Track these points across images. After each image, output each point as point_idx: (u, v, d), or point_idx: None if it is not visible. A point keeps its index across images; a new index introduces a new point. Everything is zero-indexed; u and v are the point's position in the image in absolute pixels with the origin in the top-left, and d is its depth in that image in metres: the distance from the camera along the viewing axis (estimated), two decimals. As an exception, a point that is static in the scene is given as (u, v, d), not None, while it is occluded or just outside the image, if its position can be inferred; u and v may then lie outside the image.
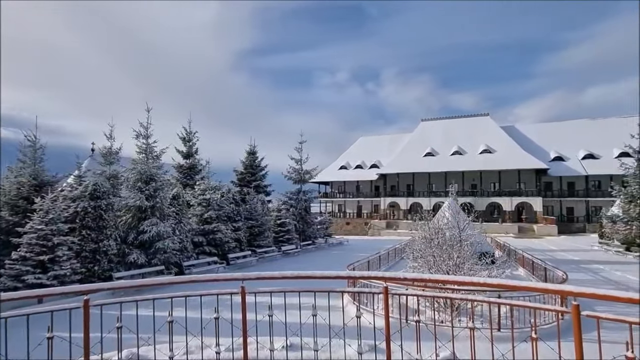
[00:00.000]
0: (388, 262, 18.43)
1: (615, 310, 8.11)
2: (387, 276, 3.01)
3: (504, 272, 11.44)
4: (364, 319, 3.27)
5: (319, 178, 49.79)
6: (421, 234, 11.91)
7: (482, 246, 16.46)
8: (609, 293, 2.79)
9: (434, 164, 44.62)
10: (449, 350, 3.51)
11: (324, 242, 29.14)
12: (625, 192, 22.39)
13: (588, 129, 44.06)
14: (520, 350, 3.05)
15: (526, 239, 33.87)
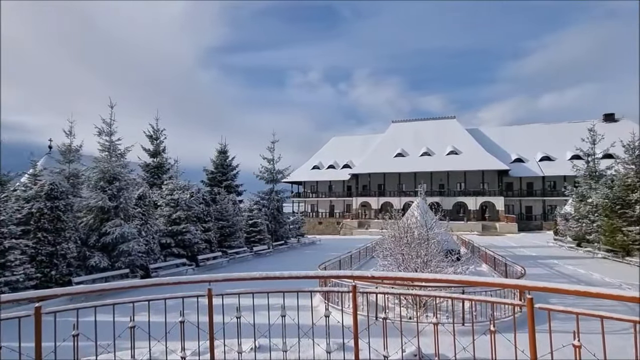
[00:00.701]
0: (359, 261, 18.69)
1: (565, 302, 8.70)
2: (356, 275, 3.06)
3: (468, 268, 11.94)
4: (334, 318, 3.31)
5: (292, 178, 49.63)
6: (391, 232, 12.18)
7: (449, 244, 17.11)
8: (559, 286, 3.00)
9: (404, 164, 45.79)
10: (415, 345, 3.62)
11: (296, 241, 29.09)
12: (576, 192, 24.10)
13: (544, 133, 47.08)
14: (481, 343, 3.20)
15: (489, 236, 35.55)
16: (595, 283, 13.40)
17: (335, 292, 2.64)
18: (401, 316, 4.17)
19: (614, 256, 18.60)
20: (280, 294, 2.98)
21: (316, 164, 54.82)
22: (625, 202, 18.49)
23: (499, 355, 3.48)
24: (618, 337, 5.80)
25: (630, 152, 19.37)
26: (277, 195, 28.07)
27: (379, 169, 46.35)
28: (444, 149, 45.89)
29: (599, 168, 24.23)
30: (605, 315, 2.85)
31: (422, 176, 43.76)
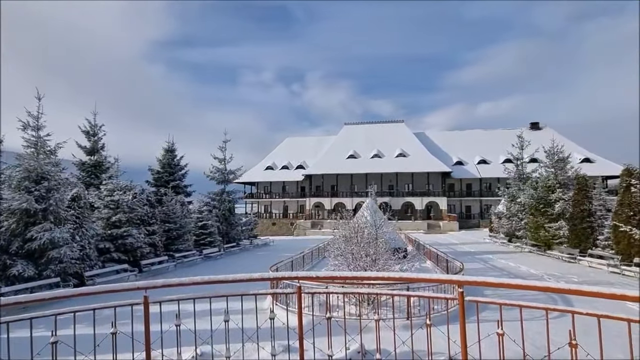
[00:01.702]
0: (312, 261, 18.84)
1: (499, 293, 9.52)
2: (300, 276, 3.09)
3: (413, 265, 12.60)
4: (283, 320, 3.31)
5: (245, 178, 48.59)
6: (342, 232, 12.45)
7: (396, 242, 17.93)
8: (486, 280, 3.30)
9: (356, 166, 47.02)
10: (360, 342, 3.75)
11: (249, 243, 28.55)
12: (507, 192, 26.56)
13: (481, 138, 51.29)
14: (422, 336, 3.39)
15: (433, 234, 37.80)
16: (522, 275, 14.85)
17: (279, 293, 2.63)
18: (345, 315, 4.28)
19: (538, 250, 20.79)
20: (232, 299, 2.91)
21: (270, 164, 54.25)
22: (546, 202, 20.77)
23: (435, 346, 3.72)
24: (538, 323, 6.50)
25: (550, 157, 21.85)
26: (228, 196, 27.32)
27: (332, 170, 47.09)
28: (393, 151, 47.91)
29: (526, 171, 26.93)
30: (524, 305, 3.18)
31: (373, 177, 45.35)
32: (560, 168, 21.29)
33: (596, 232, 16.96)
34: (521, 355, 3.10)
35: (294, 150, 56.04)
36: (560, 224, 19.18)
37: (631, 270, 13.35)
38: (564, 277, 14.18)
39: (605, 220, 16.67)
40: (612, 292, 2.64)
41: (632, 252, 13.49)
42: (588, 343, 3.01)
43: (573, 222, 17.92)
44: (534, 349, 3.09)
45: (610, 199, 17.74)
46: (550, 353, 3.05)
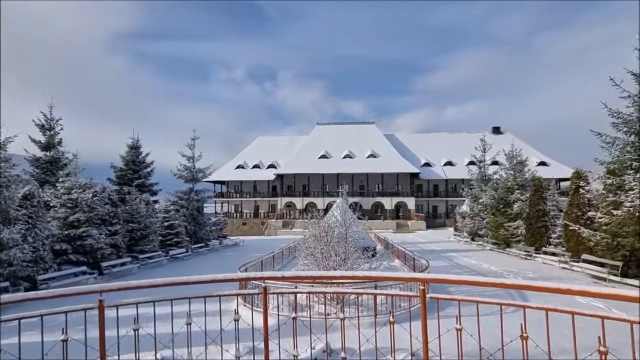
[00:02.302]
0: (282, 261, 18.75)
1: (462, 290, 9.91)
2: (266, 276, 3.08)
3: (381, 264, 12.91)
4: (251, 321, 3.27)
5: (214, 177, 47.49)
6: (312, 232, 12.49)
7: (366, 241, 18.21)
8: (447, 277, 3.44)
9: (328, 166, 47.33)
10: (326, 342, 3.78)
11: (218, 243, 27.95)
12: (471, 193, 27.79)
13: (448, 141, 53.39)
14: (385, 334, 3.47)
15: (402, 233, 38.81)
16: (483, 272, 15.59)
17: (244, 294, 2.59)
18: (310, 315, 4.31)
19: (498, 248, 21.92)
20: (198, 301, 2.83)
21: (241, 163, 53.37)
22: (506, 202, 21.95)
23: (398, 343, 3.83)
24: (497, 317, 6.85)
25: (510, 160, 23.13)
26: (197, 195, 26.60)
27: (304, 169, 47.09)
28: (364, 152, 48.68)
29: (488, 173, 28.28)
30: (480, 300, 3.35)
31: (344, 177, 45.82)
32: (518, 170, 22.58)
33: (550, 230, 18.13)
34: (478, 349, 3.27)
35: (265, 149, 55.48)
36: (518, 223, 20.32)
37: (579, 266, 14.38)
38: (521, 273, 15.04)
39: (557, 220, 17.86)
40: (559, 286, 2.84)
41: (580, 249, 14.54)
42: (540, 334, 3.19)
43: (529, 221, 19.06)
44: (491, 342, 3.25)
45: (562, 200, 19.02)
46: (504, 345, 3.23)
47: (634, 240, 11.95)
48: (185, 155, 26.95)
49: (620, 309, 7.90)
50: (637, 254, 12.48)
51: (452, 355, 3.46)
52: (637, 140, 12.64)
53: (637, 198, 11.63)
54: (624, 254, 12.57)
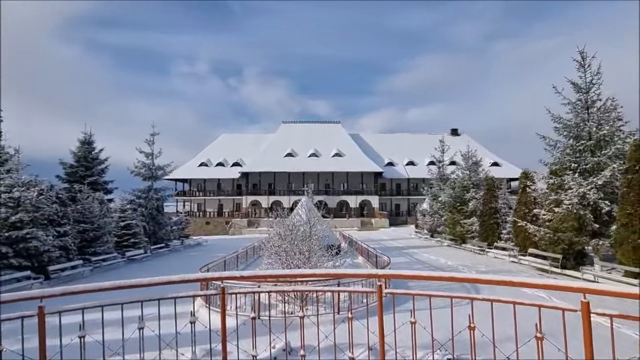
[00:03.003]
0: (247, 260, 18.48)
1: (422, 285, 10.32)
2: (225, 276, 3.04)
3: (345, 261, 13.11)
4: (214, 322, 3.21)
5: (176, 175, 45.72)
6: (276, 230, 12.44)
7: (330, 239, 18.42)
8: (401, 272, 3.59)
9: (294, 164, 47.23)
10: (285, 340, 3.80)
11: (179, 244, 26.98)
12: (431, 192, 29.03)
13: (410, 141, 55.35)
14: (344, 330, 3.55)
15: (366, 231, 39.67)
16: (441, 266, 16.36)
17: (200, 295, 2.51)
18: (270, 314, 4.31)
19: (455, 244, 23.09)
20: (142, 304, 2.72)
21: (204, 160, 51.76)
22: (462, 200, 23.17)
23: (357, 338, 3.94)
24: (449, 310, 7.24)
25: (466, 160, 24.44)
26: (156, 194, 25.46)
27: (269, 168, 46.63)
28: (329, 151, 49.12)
29: (446, 172, 29.68)
30: (433, 294, 3.53)
31: (310, 176, 45.99)
32: (473, 170, 23.93)
33: (500, 227, 19.39)
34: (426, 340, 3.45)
35: (230, 146, 54.25)
36: (472, 220, 21.53)
37: (526, 259, 15.54)
38: (474, 267, 15.95)
39: (507, 217, 19.14)
40: (503, 279, 3.08)
41: (527, 243, 15.71)
42: (490, 324, 3.40)
43: (483, 218, 20.26)
44: (444, 333, 3.42)
45: (512, 198, 20.41)
46: (454, 336, 3.43)
47: (571, 235, 13.12)
48: (143, 152, 25.69)
49: (559, 298, 8.63)
50: (574, 248, 13.72)
51: (408, 347, 3.61)
52: (575, 143, 13.88)
53: (574, 197, 12.77)
54: (563, 248, 13.75)
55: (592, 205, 12.83)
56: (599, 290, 2.63)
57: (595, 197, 12.71)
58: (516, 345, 3.11)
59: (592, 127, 13.35)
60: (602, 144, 13.38)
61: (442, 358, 3.88)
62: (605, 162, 12.96)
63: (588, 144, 13.50)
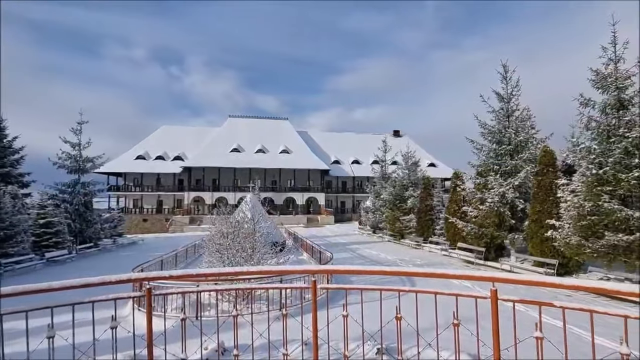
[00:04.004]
0: (186, 259, 17.73)
1: (363, 279, 10.70)
2: (151, 276, 2.90)
3: (289, 258, 13.16)
4: (139, 326, 3.03)
5: (108, 168, 41.98)
6: (218, 228, 12.08)
7: (275, 236, 18.38)
8: (336, 268, 3.73)
9: (240, 160, 46.03)
10: (217, 341, 3.74)
11: (111, 243, 24.92)
12: (374, 190, 30.30)
13: (355, 140, 57.14)
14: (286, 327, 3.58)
15: (312, 227, 40.15)
16: (380, 261, 17.17)
17: (123, 298, 2.34)
18: (200, 314, 4.22)
19: (395, 239, 24.39)
20: (52, 311, 2.47)
21: (141, 153, 48.11)
22: (402, 198, 24.53)
23: (292, 334, 4.00)
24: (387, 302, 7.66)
25: (406, 160, 25.90)
26: (84, 188, 23.19)
27: (214, 163, 44.88)
28: (277, 147, 48.73)
29: (388, 171, 31.16)
30: (363, 288, 3.73)
31: (257, 172, 45.21)
32: (412, 170, 25.44)
33: (435, 223, 20.90)
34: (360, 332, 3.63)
35: (171, 139, 51.14)
36: (410, 217, 22.91)
37: (456, 252, 16.98)
38: (411, 261, 17.03)
39: (440, 214, 20.68)
40: (424, 271, 3.34)
41: (457, 238, 17.16)
42: (418, 314, 3.65)
43: (419, 215, 21.67)
44: (376, 325, 3.61)
45: (445, 197, 22.09)
46: (382, 327, 3.64)
47: (492, 230, 14.61)
48: (68, 142, 23.20)
49: (483, 288, 9.57)
50: (495, 241, 15.31)
51: (341, 340, 3.76)
52: (497, 147, 15.45)
53: (496, 195, 14.23)
54: (486, 241, 15.27)
55: (510, 203, 14.40)
56: (504, 279, 2.99)
57: (512, 196, 14.28)
58: (436, 332, 3.41)
59: (512, 133, 14.97)
60: (519, 148, 15.07)
61: (372, 348, 4.10)
62: (521, 165, 14.62)
63: (508, 148, 15.10)
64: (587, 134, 11.18)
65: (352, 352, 3.83)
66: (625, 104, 10.44)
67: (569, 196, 10.91)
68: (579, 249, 10.64)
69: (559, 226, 11.35)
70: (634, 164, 9.84)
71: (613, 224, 9.94)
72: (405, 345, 4.22)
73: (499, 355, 2.83)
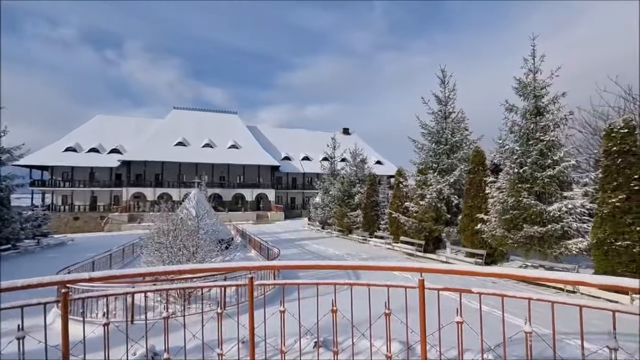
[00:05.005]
0: (123, 260, 16.59)
1: (311, 274, 10.82)
2: (67, 279, 2.67)
3: (235, 255, 12.88)
4: (75, 334, 2.77)
5: (31, 160, 37.56)
6: (158, 226, 11.46)
7: (222, 233, 17.86)
8: (273, 264, 3.74)
9: (185, 154, 43.84)
10: (146, 346, 3.57)
11: (35, 243, 22.40)
12: (323, 186, 30.74)
13: (306, 137, 57.41)
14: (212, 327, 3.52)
15: (262, 224, 39.65)
16: (328, 256, 17.51)
17: (33, 305, 2.09)
18: (132, 317, 4.00)
19: (343, 234, 25.01)
20: None
21: (72, 145, 43.61)
22: (349, 194, 25.22)
23: (229, 333, 3.95)
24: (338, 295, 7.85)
25: (354, 158, 26.64)
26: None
27: (156, 157, 42.19)
28: (225, 142, 47.21)
29: (337, 168, 31.82)
30: (300, 282, 3.78)
31: (204, 167, 43.47)
32: (360, 167, 26.24)
33: (380, 218, 21.81)
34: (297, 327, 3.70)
35: (107, 130, 47.08)
36: (358, 212, 23.65)
37: (398, 246, 17.89)
38: (358, 255, 17.60)
39: (385, 209, 21.64)
40: (359, 264, 3.49)
41: (399, 232, 18.08)
42: (356, 305, 3.77)
43: (366, 210, 22.46)
44: (314, 319, 3.68)
45: (390, 193, 23.13)
46: (319, 321, 3.74)
47: (431, 224, 15.64)
48: (-22, 130, 20.30)
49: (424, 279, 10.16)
50: (433, 234, 16.40)
51: (279, 336, 3.79)
52: (436, 147, 16.53)
53: (434, 192, 15.24)
54: (425, 235, 16.30)
55: (446, 199, 15.52)
56: (431, 269, 3.24)
57: (448, 192, 15.40)
58: (369, 322, 3.58)
59: (448, 134, 16.12)
60: (454, 148, 16.28)
61: (309, 342, 4.20)
62: (456, 163, 15.81)
63: (445, 148, 16.24)
64: (511, 136, 12.41)
65: (288, 347, 3.88)
66: (541, 110, 11.76)
67: (495, 192, 12.05)
68: (503, 240, 11.82)
69: (487, 220, 12.49)
70: (547, 164, 11.14)
71: (530, 217, 11.19)
72: (342, 337, 4.39)
73: (425, 340, 3.07)
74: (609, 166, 9.15)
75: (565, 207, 10.56)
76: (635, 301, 8.00)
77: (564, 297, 2.82)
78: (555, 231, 10.62)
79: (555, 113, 11.44)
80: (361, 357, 4.04)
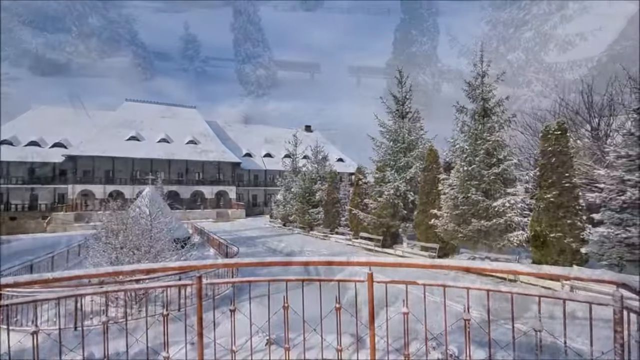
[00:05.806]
0: (67, 262, 15.46)
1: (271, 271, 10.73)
2: None
3: (192, 254, 12.46)
4: None
5: (-45, 154, 33.55)
6: (106, 225, 10.82)
7: (178, 232, 17.20)
8: (222, 262, 3.68)
9: (139, 149, 41.50)
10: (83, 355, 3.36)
11: (-43, 248, 20.05)
12: (284, 183, 30.64)
13: (268, 134, 56.87)
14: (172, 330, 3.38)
15: (222, 222, 38.69)
16: (289, 253, 17.50)
17: None
18: (71, 325, 3.76)
19: (304, 231, 25.11)
20: None
21: (7, 138, 39.61)
22: (311, 191, 25.36)
23: (176, 336, 3.83)
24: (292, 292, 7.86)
25: (315, 155, 26.81)
26: None
27: (107, 151, 39.53)
28: (183, 137, 45.34)
29: (298, 165, 31.83)
30: (252, 280, 3.76)
31: (160, 164, 41.54)
32: (321, 165, 26.45)
33: (340, 215, 22.17)
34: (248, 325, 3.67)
35: (49, 122, 43.31)
36: (319, 209, 23.85)
37: (358, 241, 18.31)
38: (318, 251, 17.75)
39: (346, 206, 22.02)
40: (311, 260, 3.53)
41: (359, 228, 18.51)
42: (308, 301, 3.80)
43: (327, 207, 22.72)
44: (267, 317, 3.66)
45: (350, 190, 23.57)
46: (270, 318, 3.73)
47: (389, 220, 16.17)
48: None
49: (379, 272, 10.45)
50: (391, 230, 16.97)
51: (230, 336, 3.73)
52: (394, 145, 17.09)
53: (391, 188, 15.76)
54: (383, 230, 16.82)
55: (403, 195, 16.12)
56: (380, 263, 3.35)
57: (404, 189, 16.00)
58: (320, 317, 3.63)
59: (405, 133, 16.74)
60: (411, 147, 16.93)
61: (262, 340, 4.18)
62: (412, 161, 16.46)
63: (402, 146, 16.85)
64: (461, 136, 13.15)
65: (239, 346, 3.83)
66: (488, 112, 12.57)
67: (447, 189, 12.72)
68: (454, 234, 12.52)
69: (439, 215, 13.16)
70: (493, 163, 11.95)
71: (478, 212, 11.95)
72: (293, 334, 4.42)
73: (374, 331, 3.18)
74: (545, 165, 10.02)
75: (508, 203, 11.41)
76: (565, 287, 8.86)
77: (501, 286, 3.06)
78: (500, 225, 11.45)
79: (500, 115, 12.30)
80: (313, 352, 4.10)
